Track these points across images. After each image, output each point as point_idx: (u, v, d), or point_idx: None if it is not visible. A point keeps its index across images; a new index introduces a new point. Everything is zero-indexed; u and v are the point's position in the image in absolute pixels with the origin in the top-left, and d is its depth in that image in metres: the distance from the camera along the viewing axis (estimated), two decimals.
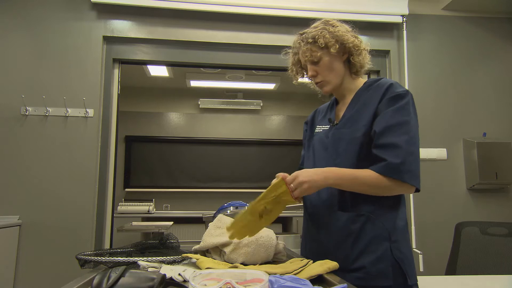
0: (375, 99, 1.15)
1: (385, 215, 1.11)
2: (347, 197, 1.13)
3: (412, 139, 1.09)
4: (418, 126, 1.13)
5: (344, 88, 1.24)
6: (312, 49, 1.18)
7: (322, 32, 1.17)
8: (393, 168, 1.06)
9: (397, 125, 1.09)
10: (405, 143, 1.07)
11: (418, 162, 1.09)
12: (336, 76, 1.21)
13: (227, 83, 4.73)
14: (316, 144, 1.26)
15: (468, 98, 2.81)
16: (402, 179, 1.06)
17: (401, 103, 1.11)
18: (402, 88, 1.15)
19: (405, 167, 1.05)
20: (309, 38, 1.19)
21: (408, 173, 1.06)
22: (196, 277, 0.68)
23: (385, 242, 1.09)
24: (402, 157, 1.06)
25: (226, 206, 1.52)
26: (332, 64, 1.20)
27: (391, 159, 1.06)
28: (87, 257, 0.96)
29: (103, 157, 2.45)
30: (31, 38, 2.45)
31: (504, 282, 1.53)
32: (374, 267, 1.08)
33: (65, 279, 0.84)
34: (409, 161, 1.06)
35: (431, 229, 2.59)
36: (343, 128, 1.18)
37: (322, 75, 1.21)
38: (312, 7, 2.59)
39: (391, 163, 1.06)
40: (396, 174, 1.05)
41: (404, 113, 1.10)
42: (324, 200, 1.18)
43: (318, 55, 1.18)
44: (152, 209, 4.55)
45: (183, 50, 2.66)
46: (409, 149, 1.07)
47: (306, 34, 1.21)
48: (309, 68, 1.21)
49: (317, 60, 1.19)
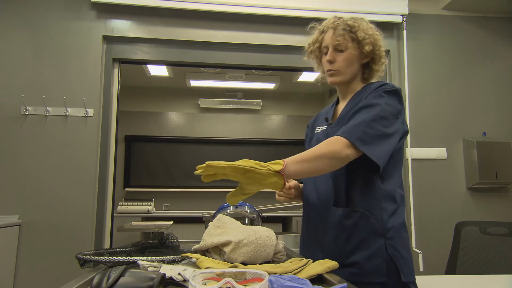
0: (365, 96, 1.16)
1: (381, 212, 1.11)
2: (342, 192, 1.14)
3: (380, 118, 1.07)
4: (396, 115, 1.11)
5: (350, 88, 1.25)
6: (345, 37, 1.18)
7: (364, 28, 1.19)
8: (345, 131, 1.04)
9: (367, 106, 1.10)
10: (367, 117, 1.06)
11: (384, 142, 1.06)
12: (350, 73, 1.22)
13: (227, 82, 4.73)
14: (314, 144, 1.27)
15: (468, 98, 2.81)
16: (349, 140, 1.02)
17: (380, 91, 1.12)
18: (392, 85, 1.16)
19: (357, 130, 1.04)
20: (347, 26, 1.19)
21: (359, 140, 1.03)
22: (196, 277, 0.68)
23: (379, 238, 1.09)
24: (358, 123, 1.05)
25: (226, 206, 1.52)
26: (353, 60, 1.20)
27: (346, 125, 1.06)
28: (87, 257, 0.96)
29: (103, 157, 2.45)
30: (31, 37, 2.45)
31: (504, 282, 1.53)
32: (368, 263, 1.08)
33: (65, 279, 0.84)
34: (365, 130, 1.04)
35: (431, 229, 2.59)
36: (336, 126, 1.20)
37: (339, 64, 1.20)
38: (312, 6, 2.59)
39: (346, 127, 1.06)
40: (346, 133, 1.03)
41: (378, 97, 1.11)
42: (321, 197, 1.19)
43: (348, 45, 1.18)
44: (152, 209, 4.55)
45: (183, 49, 2.66)
46: (370, 124, 1.05)
47: (345, 20, 1.20)
48: (330, 53, 1.20)
49: (343, 49, 1.19)
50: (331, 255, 1.00)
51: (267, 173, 0.94)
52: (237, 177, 0.94)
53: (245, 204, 1.53)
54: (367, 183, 1.12)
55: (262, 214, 1.63)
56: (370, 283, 1.07)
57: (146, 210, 4.51)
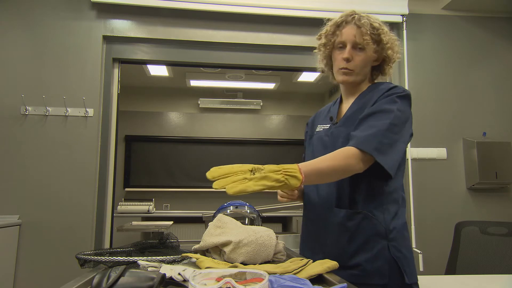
0: (375, 98, 1.15)
1: (383, 214, 1.11)
2: (344, 194, 1.13)
3: (394, 126, 1.06)
4: (406, 122, 1.10)
5: (357, 88, 1.23)
6: (368, 37, 1.14)
7: (387, 31, 1.18)
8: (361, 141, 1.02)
9: (380, 111, 1.08)
10: (383, 126, 1.05)
11: (395, 150, 1.05)
12: (363, 73, 1.20)
13: (227, 82, 4.73)
14: (315, 142, 1.27)
15: (468, 98, 2.81)
16: (366, 150, 1.00)
17: (393, 96, 1.11)
18: (403, 89, 1.15)
19: (374, 141, 1.02)
20: (370, 26, 1.15)
21: (376, 150, 1.01)
22: (196, 277, 0.68)
23: (382, 240, 1.09)
24: (374, 132, 1.03)
25: (226, 206, 1.52)
26: (369, 61, 1.19)
27: (361, 134, 1.04)
28: (87, 257, 0.96)
29: (103, 157, 2.45)
30: (31, 37, 2.45)
31: (504, 282, 1.53)
32: (370, 264, 1.07)
33: (65, 279, 0.83)
34: (381, 140, 1.02)
35: (431, 229, 2.59)
36: (342, 126, 1.18)
37: (356, 64, 1.16)
38: (312, 6, 2.59)
39: (361, 136, 1.04)
40: (362, 144, 1.01)
41: (392, 103, 1.09)
42: (323, 197, 1.18)
43: (369, 45, 1.15)
44: (152, 209, 4.56)
45: (183, 49, 2.66)
46: (385, 133, 1.04)
47: (368, 20, 1.16)
48: (349, 51, 1.15)
49: (362, 48, 1.16)
50: (332, 257, 1.00)
51: (284, 185, 0.91)
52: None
53: (245, 204, 1.53)
54: (371, 185, 1.12)
55: (262, 214, 1.63)
56: (373, 285, 1.07)
57: (146, 210, 4.51)
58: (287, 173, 0.91)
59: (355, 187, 1.13)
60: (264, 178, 0.88)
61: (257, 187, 0.87)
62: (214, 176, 0.90)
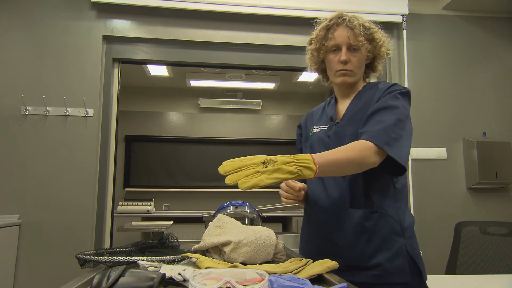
0: (377, 96, 1.15)
1: (397, 212, 1.12)
2: (359, 193, 1.12)
3: (400, 121, 1.07)
4: (408, 118, 1.12)
5: (354, 87, 1.24)
6: (362, 37, 1.16)
7: (378, 29, 1.20)
8: (373, 135, 1.03)
9: (385, 107, 1.09)
10: (390, 121, 1.06)
11: (404, 144, 1.06)
12: (360, 73, 1.23)
13: (227, 82, 4.73)
14: (315, 144, 1.24)
15: (468, 98, 2.81)
16: (378, 144, 1.00)
17: (395, 93, 1.13)
18: (402, 86, 1.17)
19: (385, 135, 1.03)
20: (362, 27, 1.17)
21: (387, 144, 1.02)
22: (196, 277, 0.68)
23: (399, 238, 1.09)
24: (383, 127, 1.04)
25: (226, 206, 1.52)
26: (364, 60, 1.21)
27: (371, 128, 1.05)
28: (87, 257, 0.96)
29: (103, 157, 2.45)
30: (31, 37, 2.45)
31: (504, 282, 1.53)
32: (391, 263, 1.07)
33: (65, 279, 0.83)
34: (390, 135, 1.03)
35: (431, 229, 2.59)
36: (346, 125, 1.17)
37: (354, 65, 1.18)
38: (311, 6, 2.59)
39: (372, 131, 1.04)
40: (374, 138, 1.02)
41: (395, 99, 1.11)
42: (334, 198, 1.15)
43: (364, 46, 1.17)
44: (152, 209, 4.56)
45: (183, 49, 2.66)
46: (393, 129, 1.05)
47: (360, 20, 1.18)
48: (346, 53, 1.17)
49: (357, 49, 1.17)
50: (350, 259, 0.98)
51: (297, 176, 0.90)
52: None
53: (245, 204, 1.54)
54: (384, 183, 1.12)
55: (262, 214, 1.63)
56: (394, 283, 1.06)
57: (146, 210, 4.51)
58: (300, 163, 0.89)
59: (369, 186, 1.12)
60: (276, 170, 0.86)
61: (270, 180, 0.85)
62: (226, 171, 0.88)
